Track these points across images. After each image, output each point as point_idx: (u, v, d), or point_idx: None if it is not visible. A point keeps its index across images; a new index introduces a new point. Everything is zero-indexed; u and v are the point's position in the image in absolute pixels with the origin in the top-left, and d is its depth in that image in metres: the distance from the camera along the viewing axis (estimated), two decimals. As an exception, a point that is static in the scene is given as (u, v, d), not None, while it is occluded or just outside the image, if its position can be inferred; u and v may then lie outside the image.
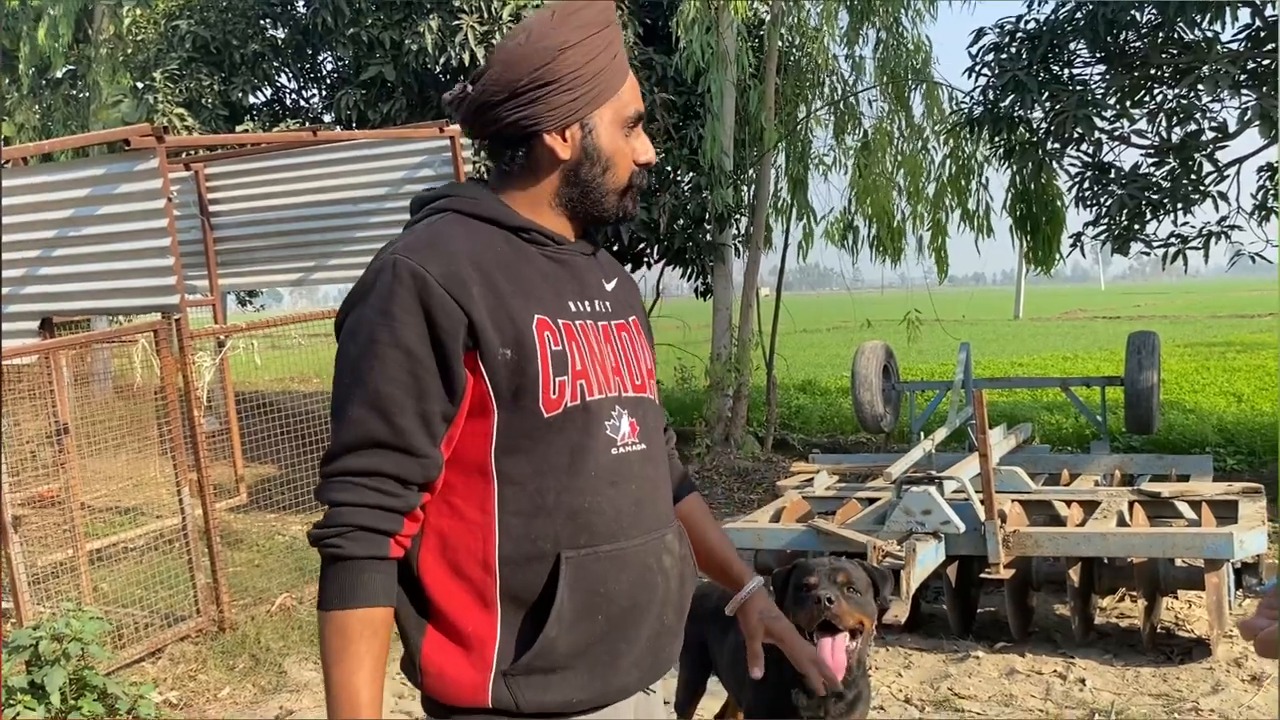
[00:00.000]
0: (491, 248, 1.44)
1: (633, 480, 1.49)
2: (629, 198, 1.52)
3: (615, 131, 1.48)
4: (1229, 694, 4.02)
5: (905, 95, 9.42)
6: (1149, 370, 6.38)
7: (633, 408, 1.52)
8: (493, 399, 1.40)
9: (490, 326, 1.38)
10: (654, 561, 1.50)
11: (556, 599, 1.40)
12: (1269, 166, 7.15)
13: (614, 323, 1.55)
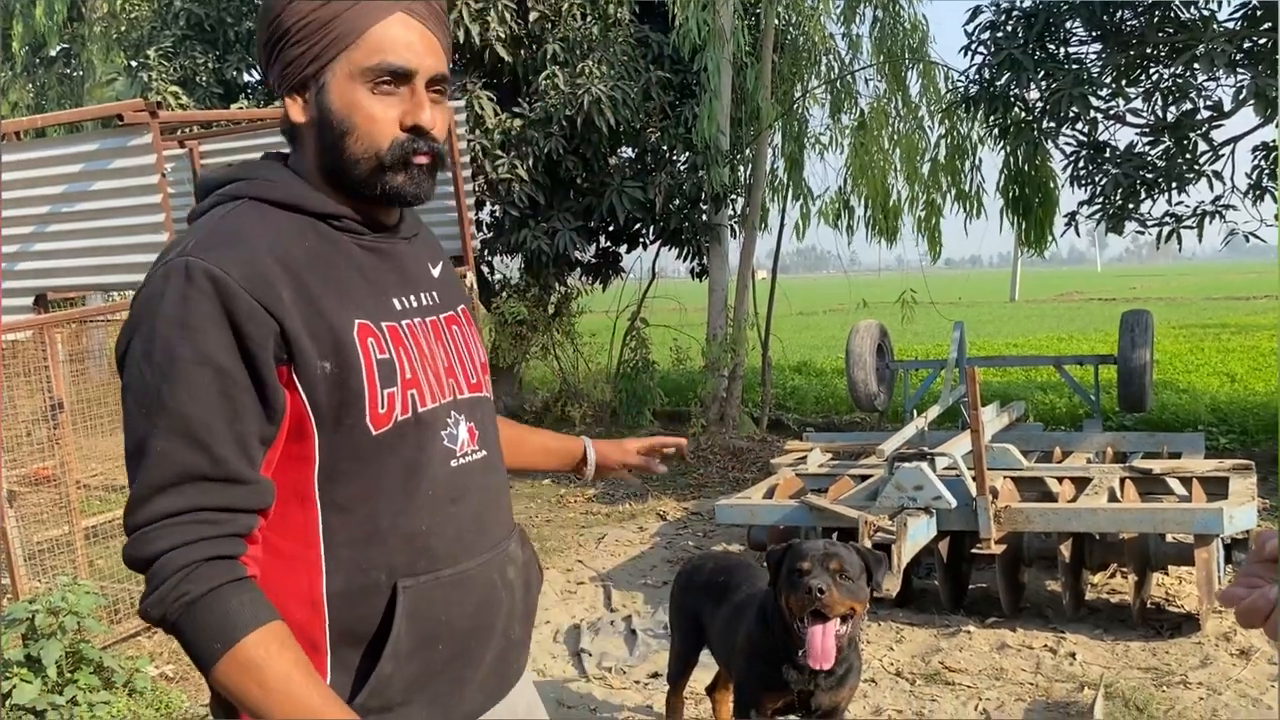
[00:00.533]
0: (299, 241, 1.25)
1: (475, 493, 1.36)
2: (402, 173, 1.28)
3: (351, 87, 1.25)
4: (1217, 668, 4.06)
5: (902, 74, 9.41)
6: (1142, 349, 6.39)
7: (470, 410, 1.38)
8: (312, 419, 1.23)
9: (305, 335, 1.20)
10: (498, 577, 1.39)
11: (393, 632, 1.26)
12: (1264, 146, 7.15)
13: (443, 316, 1.39)
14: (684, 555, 5.86)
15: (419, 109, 1.27)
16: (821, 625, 2.56)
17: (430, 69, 1.28)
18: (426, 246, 1.45)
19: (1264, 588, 1.18)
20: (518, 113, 8.48)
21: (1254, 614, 1.19)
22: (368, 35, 1.25)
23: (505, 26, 8.39)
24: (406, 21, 1.27)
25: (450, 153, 6.14)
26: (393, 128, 1.27)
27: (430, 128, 1.28)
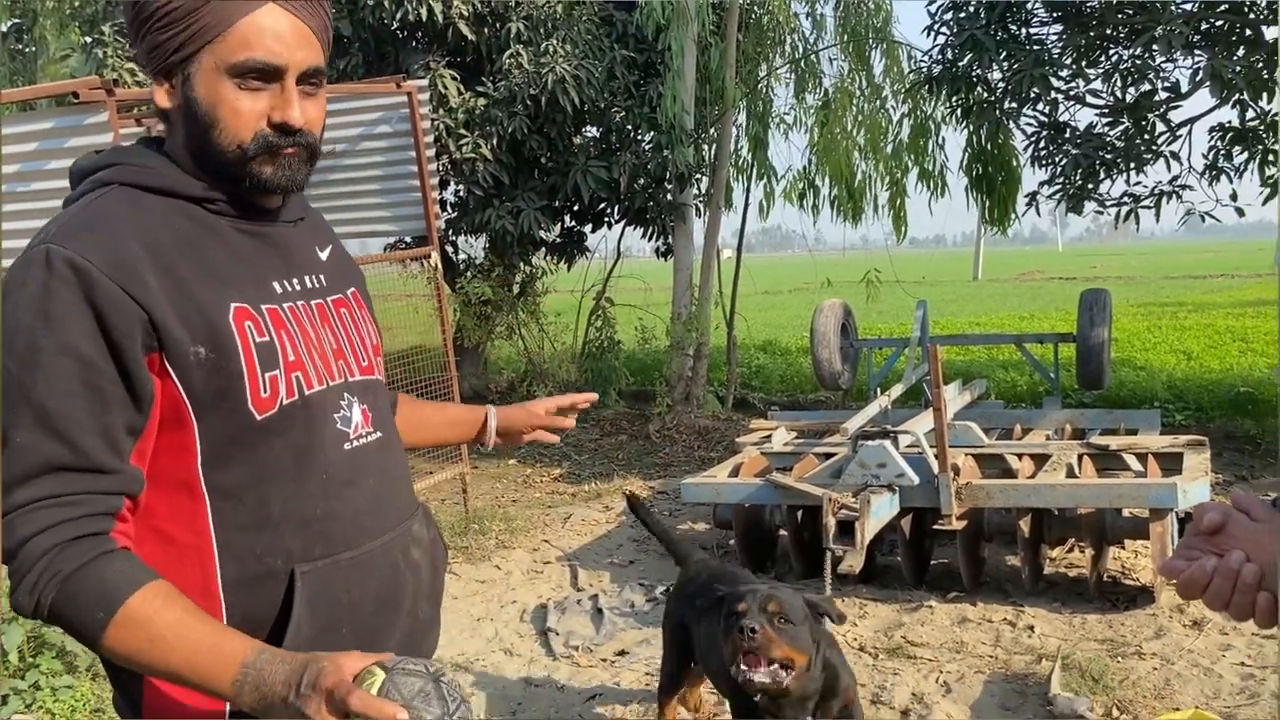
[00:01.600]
0: (170, 226, 1.24)
1: (371, 475, 1.35)
2: (268, 165, 1.25)
3: (217, 80, 1.22)
4: (1171, 638, 4.15)
5: (866, 54, 9.44)
6: (1100, 327, 6.49)
7: (362, 393, 1.37)
8: (189, 406, 1.21)
9: (175, 321, 1.18)
10: (400, 558, 1.39)
11: (293, 619, 1.25)
12: (1220, 127, 7.25)
13: (331, 299, 1.38)
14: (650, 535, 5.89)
15: (287, 106, 1.24)
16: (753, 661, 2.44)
17: (301, 63, 1.25)
18: (314, 230, 1.43)
19: (1201, 559, 1.23)
20: (481, 92, 8.41)
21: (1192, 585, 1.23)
22: (235, 28, 1.21)
23: (468, 4, 8.32)
24: (276, 13, 1.23)
25: (414, 131, 6.09)
26: (258, 122, 1.24)
27: (299, 125, 1.26)
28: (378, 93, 6.18)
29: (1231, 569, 1.18)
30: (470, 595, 4.99)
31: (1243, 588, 1.17)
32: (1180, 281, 29.15)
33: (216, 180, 1.28)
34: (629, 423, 9.07)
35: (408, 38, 9.03)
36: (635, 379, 9.90)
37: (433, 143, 6.51)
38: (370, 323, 1.45)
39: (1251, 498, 1.27)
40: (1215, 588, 1.20)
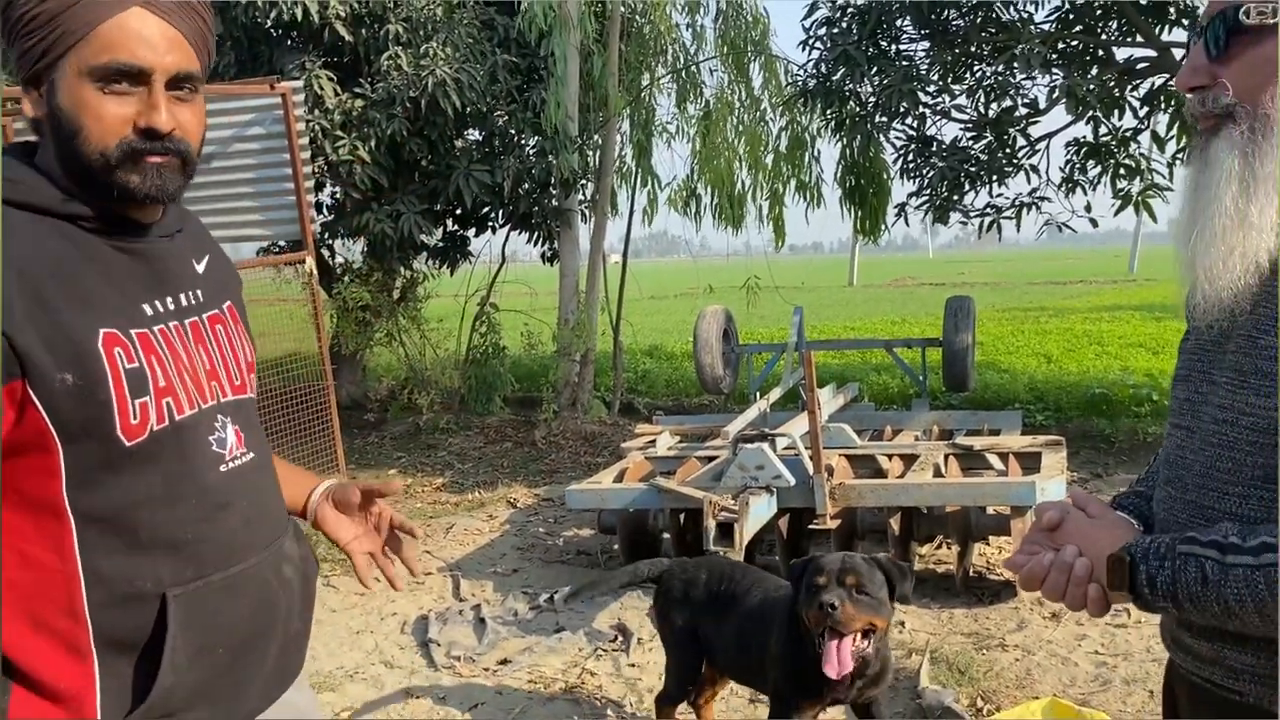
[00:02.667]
0: (39, 245, 1.20)
1: (244, 496, 1.36)
2: (134, 173, 1.23)
3: (80, 85, 1.20)
4: (1031, 630, 4.37)
5: (745, 66, 9.63)
6: (964, 332, 6.77)
7: (235, 413, 1.37)
8: (54, 432, 1.19)
9: (40, 348, 1.16)
10: (272, 576, 1.40)
11: (168, 643, 1.25)
12: (1075, 141, 7.65)
13: (206, 315, 1.36)
14: (535, 542, 5.90)
15: (153, 110, 1.22)
16: (838, 640, 2.55)
17: (170, 67, 1.23)
18: (192, 241, 1.40)
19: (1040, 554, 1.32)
20: (359, 93, 8.27)
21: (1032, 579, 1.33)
22: (99, 30, 1.19)
23: (345, 4, 8.17)
24: (144, 16, 1.21)
25: (288, 133, 5.96)
26: (123, 128, 1.22)
27: (166, 130, 1.23)
28: (251, 94, 6.02)
29: (1066, 563, 1.28)
30: (349, 608, 4.91)
31: (1075, 580, 1.28)
32: (1042, 287, 30.52)
33: (87, 193, 1.25)
34: (514, 430, 9.04)
35: (282, 38, 8.82)
36: (521, 385, 9.87)
37: (308, 145, 6.38)
38: (245, 337, 1.43)
39: (1089, 496, 1.38)
40: (1051, 580, 1.30)
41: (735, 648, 3.03)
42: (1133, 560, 1.21)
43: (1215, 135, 1.23)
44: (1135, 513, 1.39)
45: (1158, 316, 16.88)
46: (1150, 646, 4.16)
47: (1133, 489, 1.48)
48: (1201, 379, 1.29)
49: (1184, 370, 1.34)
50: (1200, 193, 1.23)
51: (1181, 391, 1.33)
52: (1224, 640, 1.24)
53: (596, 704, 3.77)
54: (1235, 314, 1.21)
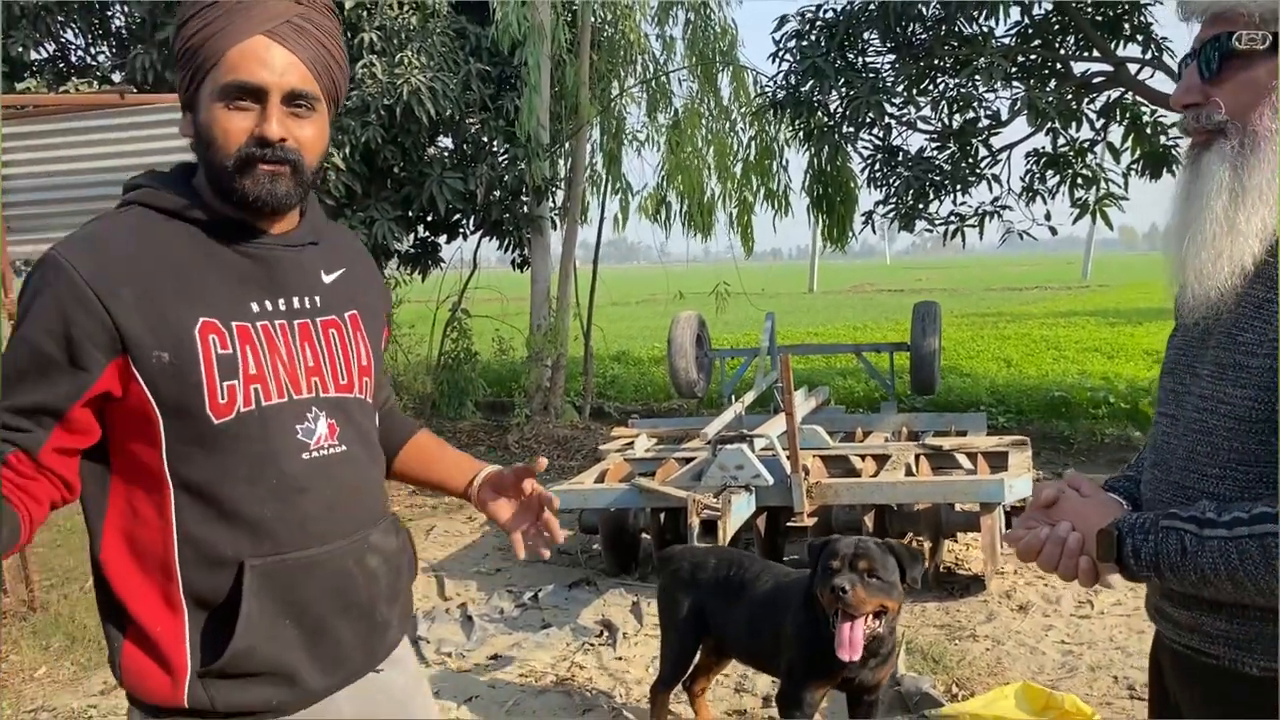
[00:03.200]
0: (164, 246, 1.38)
1: (327, 485, 1.45)
2: (248, 178, 1.37)
3: (212, 104, 1.37)
4: (1000, 621, 4.56)
5: (714, 76, 9.81)
6: (931, 336, 6.98)
7: (333, 409, 1.47)
8: (154, 405, 1.35)
9: (142, 330, 1.33)
10: (353, 565, 1.48)
11: (243, 607, 1.37)
12: (1035, 152, 7.91)
13: (319, 320, 1.48)
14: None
15: (265, 121, 1.37)
16: (850, 621, 2.67)
17: (285, 85, 1.38)
18: (329, 255, 1.54)
19: (1036, 529, 1.47)
20: (334, 101, 8.34)
21: (1028, 551, 1.48)
22: (227, 56, 1.37)
23: (321, 13, 8.23)
24: (265, 43, 1.38)
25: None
26: (243, 138, 1.37)
27: (275, 138, 1.37)
28: (233, 102, 6.08)
29: (1060, 537, 1.42)
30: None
31: (1068, 553, 1.41)
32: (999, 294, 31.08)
33: (225, 201, 1.41)
34: (487, 434, 9.12)
35: (256, 44, 8.85)
36: (492, 390, 9.96)
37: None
38: (363, 343, 1.54)
39: (1082, 478, 1.53)
40: (1046, 553, 1.44)
41: (747, 630, 3.16)
42: (1120, 534, 1.34)
43: (1207, 149, 1.36)
44: (1124, 494, 1.53)
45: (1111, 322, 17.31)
46: (1113, 636, 4.36)
47: (1123, 473, 1.61)
48: (1186, 371, 1.42)
49: (1170, 363, 1.48)
50: (1192, 201, 1.36)
51: (1168, 382, 1.47)
52: (1200, 608, 1.37)
53: (587, 695, 3.89)
54: (1218, 312, 1.34)
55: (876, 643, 2.80)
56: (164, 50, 8.70)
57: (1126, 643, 4.28)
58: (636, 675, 4.06)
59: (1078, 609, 4.69)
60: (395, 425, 1.77)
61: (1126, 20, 7.53)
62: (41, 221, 6.86)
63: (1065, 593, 4.86)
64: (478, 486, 1.73)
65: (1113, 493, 1.53)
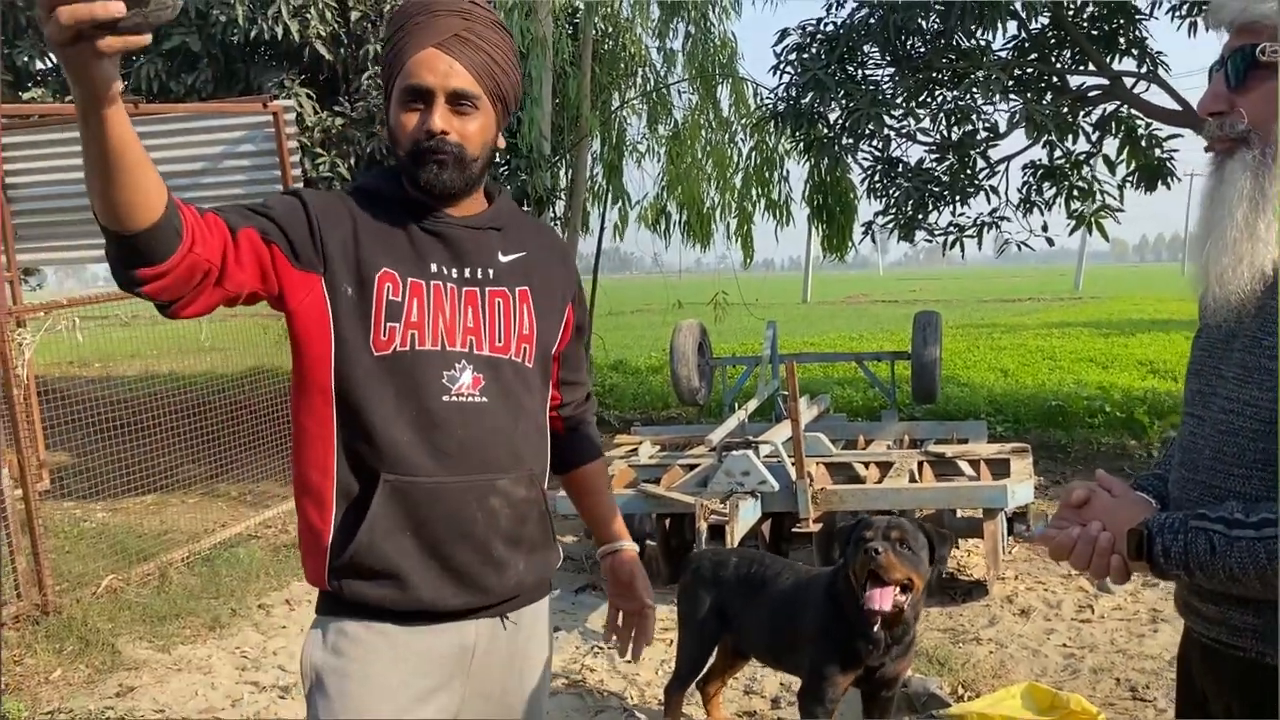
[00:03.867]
0: (371, 215, 1.66)
1: (460, 427, 1.65)
2: (421, 167, 1.62)
3: (395, 106, 1.64)
4: (1003, 625, 4.62)
5: (713, 88, 9.90)
6: (932, 346, 7.06)
7: (482, 365, 1.68)
8: (333, 328, 1.62)
9: (338, 260, 1.62)
10: (474, 499, 1.67)
11: (370, 511, 1.61)
12: (1032, 164, 8.00)
13: (489, 289, 1.71)
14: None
15: (429, 116, 1.62)
16: (880, 589, 2.76)
17: (449, 87, 1.63)
18: (507, 238, 1.77)
19: (1069, 528, 1.51)
20: (339, 111, 8.41)
21: (1060, 549, 1.51)
22: (406, 66, 1.64)
23: (327, 25, 8.32)
24: (434, 53, 1.63)
25: (278, 153, 6.10)
26: (416, 133, 1.63)
27: (437, 130, 1.62)
28: (243, 111, 6.16)
29: (1091, 536, 1.46)
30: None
31: (1099, 551, 1.45)
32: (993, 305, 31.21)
33: (413, 187, 1.67)
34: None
35: (261, 55, 8.93)
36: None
37: (299, 161, 6.52)
38: (528, 316, 1.75)
39: (1112, 478, 1.55)
40: (1078, 552, 1.47)
41: (769, 627, 3.21)
42: (1150, 534, 1.38)
43: (1230, 156, 1.39)
44: (1154, 492, 1.56)
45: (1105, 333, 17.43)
46: (1114, 639, 4.43)
47: (1151, 471, 1.64)
48: (1211, 373, 1.45)
49: (1196, 364, 1.51)
50: (1214, 207, 1.40)
51: (1194, 384, 1.50)
52: (1228, 603, 1.40)
53: (599, 696, 3.95)
54: (1241, 315, 1.38)
55: (902, 626, 2.86)
56: (168, 61, 8.77)
57: (1127, 646, 4.35)
58: (647, 678, 4.12)
59: (1078, 613, 4.76)
60: (575, 446, 1.98)
61: (1122, 34, 7.64)
62: (48, 230, 6.92)
63: (1066, 597, 4.93)
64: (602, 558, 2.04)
65: (1142, 491, 1.56)
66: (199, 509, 6.81)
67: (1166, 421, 8.60)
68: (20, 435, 4.61)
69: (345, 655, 1.65)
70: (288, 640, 4.64)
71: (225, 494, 7.10)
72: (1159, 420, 8.64)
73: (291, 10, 8.14)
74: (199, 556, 5.63)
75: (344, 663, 1.65)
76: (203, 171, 6.29)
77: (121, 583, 5.16)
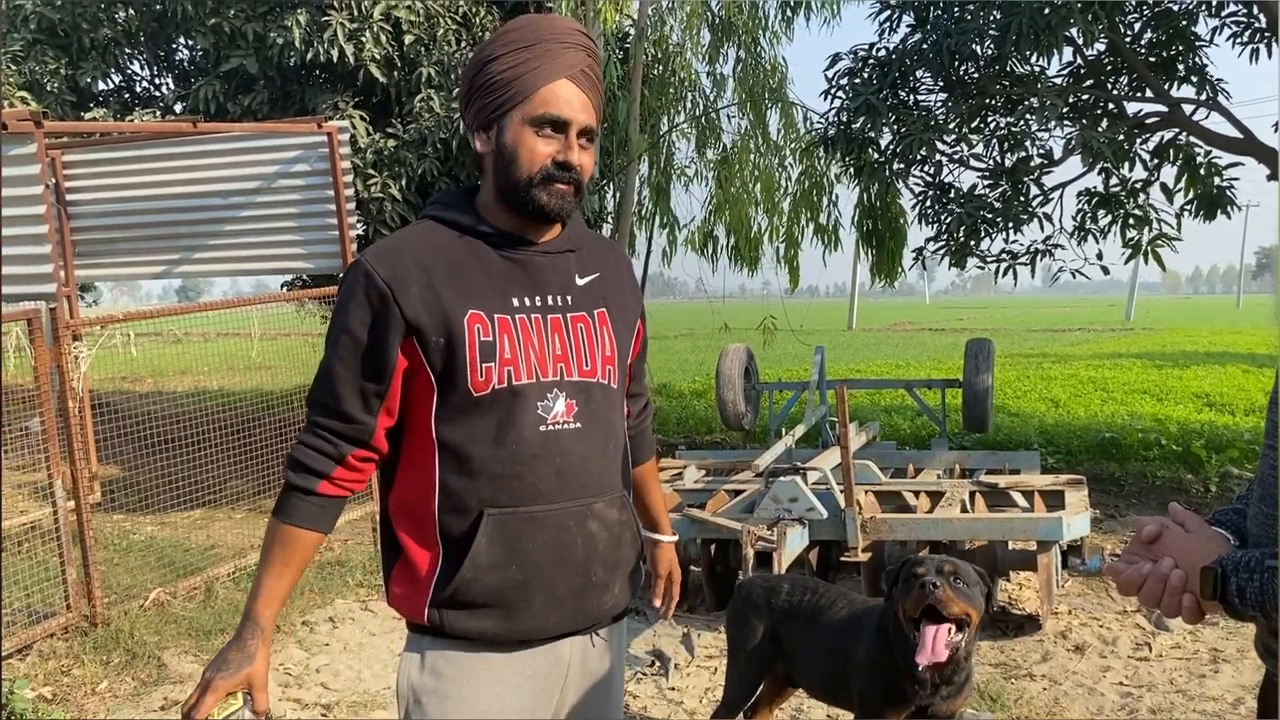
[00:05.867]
0: (445, 251, 1.70)
1: (558, 455, 1.70)
2: (541, 190, 1.67)
3: (521, 129, 1.66)
4: (1056, 661, 4.50)
5: (763, 113, 9.88)
6: (985, 374, 6.95)
7: (574, 391, 1.72)
8: (432, 377, 1.66)
9: (425, 317, 1.64)
10: (574, 524, 1.72)
11: (474, 546, 1.66)
12: (1087, 191, 7.88)
13: (570, 315, 1.74)
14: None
15: (569, 149, 1.69)
16: (935, 626, 2.66)
17: (582, 122, 1.70)
18: (582, 260, 1.81)
19: (1139, 564, 1.44)
20: (391, 133, 8.50)
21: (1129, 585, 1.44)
22: (539, 93, 1.67)
23: (381, 48, 8.42)
24: (569, 85, 1.69)
25: (332, 173, 6.17)
26: (546, 160, 1.68)
27: (575, 165, 1.69)
28: (298, 131, 6.24)
29: (1162, 573, 1.39)
30: (389, 631, 5.02)
31: (1170, 590, 1.38)
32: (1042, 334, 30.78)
33: (509, 209, 1.71)
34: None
35: (316, 77, 9.07)
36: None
37: (351, 182, 6.59)
38: (608, 336, 1.80)
39: (1187, 512, 1.48)
40: (1147, 589, 1.40)
41: (821, 658, 3.13)
42: (1224, 572, 1.31)
43: None
44: (1232, 528, 1.48)
45: (1158, 364, 17.10)
46: (1173, 679, 4.30)
47: (1231, 505, 1.57)
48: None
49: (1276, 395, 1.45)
50: None
51: (1274, 414, 1.44)
52: None
53: None
54: None
55: (953, 666, 2.77)
56: (226, 82, 8.94)
57: (1188, 686, 4.21)
58: (690, 705, 4.06)
59: (1135, 651, 4.62)
60: (635, 448, 2.01)
61: (1181, 61, 7.52)
62: (106, 246, 7.06)
63: (1122, 634, 4.79)
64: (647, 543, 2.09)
65: (1219, 526, 1.49)
66: (245, 524, 6.86)
67: (1225, 456, 8.38)
68: (74, 448, 4.66)
69: (444, 677, 1.71)
70: (331, 658, 4.64)
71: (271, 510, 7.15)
72: (1217, 454, 8.42)
73: (347, 34, 8.26)
74: (244, 572, 5.66)
75: (443, 684, 1.70)
76: (256, 190, 6.38)
77: (168, 596, 5.20)
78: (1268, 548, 1.32)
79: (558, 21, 1.73)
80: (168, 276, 7.05)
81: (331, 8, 8.30)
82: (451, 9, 8.78)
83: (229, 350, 12.64)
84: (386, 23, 8.43)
